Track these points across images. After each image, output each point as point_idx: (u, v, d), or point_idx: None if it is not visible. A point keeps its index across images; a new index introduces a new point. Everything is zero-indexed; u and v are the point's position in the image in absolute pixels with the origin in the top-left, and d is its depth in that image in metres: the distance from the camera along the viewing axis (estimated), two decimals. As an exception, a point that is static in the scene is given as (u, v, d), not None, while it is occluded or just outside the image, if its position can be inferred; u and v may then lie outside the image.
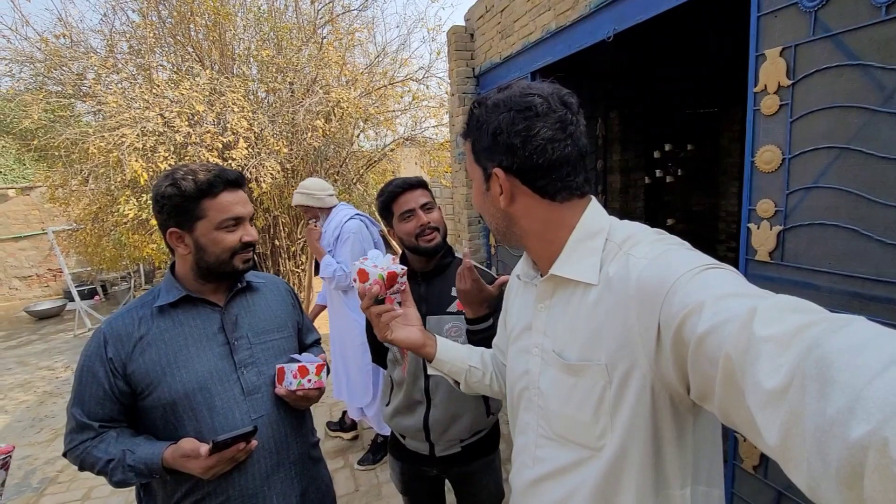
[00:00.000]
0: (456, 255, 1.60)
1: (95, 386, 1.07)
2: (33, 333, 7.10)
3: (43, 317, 8.00)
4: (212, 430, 1.09)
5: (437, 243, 1.46)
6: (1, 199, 9.14)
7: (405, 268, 1.02)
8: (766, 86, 1.80)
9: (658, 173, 5.43)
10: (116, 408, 1.09)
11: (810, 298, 0.52)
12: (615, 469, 0.69)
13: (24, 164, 8.62)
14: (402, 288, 1.03)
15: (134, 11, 4.69)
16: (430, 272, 1.50)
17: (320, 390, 1.20)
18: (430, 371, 1.08)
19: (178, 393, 1.08)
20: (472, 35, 4.34)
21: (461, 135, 0.84)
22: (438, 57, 5.94)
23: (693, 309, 0.54)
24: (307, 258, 6.29)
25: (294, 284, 6.28)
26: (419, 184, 1.48)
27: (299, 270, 6.21)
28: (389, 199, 1.46)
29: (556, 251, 0.76)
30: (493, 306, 1.29)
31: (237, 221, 1.15)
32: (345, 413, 3.25)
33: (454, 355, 1.05)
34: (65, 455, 1.11)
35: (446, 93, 5.24)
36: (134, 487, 1.18)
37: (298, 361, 1.17)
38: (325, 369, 1.20)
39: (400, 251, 1.57)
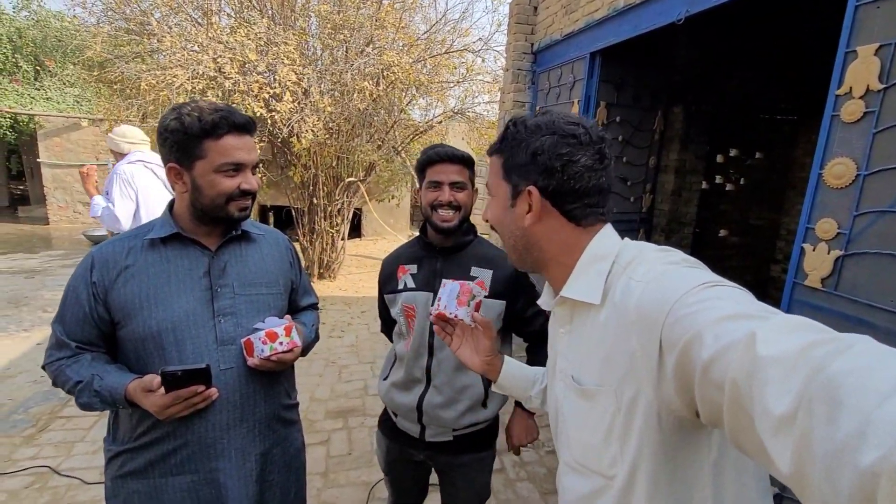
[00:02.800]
0: (479, 234, 1.52)
1: (77, 307, 1.08)
2: (88, 256, 7.62)
3: (98, 241, 8.55)
4: None
5: (450, 225, 1.38)
6: (74, 127, 9.73)
7: (468, 310, 1.05)
8: (851, 88, 1.56)
9: (718, 179, 5.06)
10: (95, 332, 1.09)
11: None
12: (626, 499, 0.70)
13: (100, 97, 9.11)
14: (474, 309, 1.07)
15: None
16: (448, 248, 1.44)
17: (294, 351, 1.15)
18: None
19: (151, 329, 1.06)
20: (535, 8, 4.10)
21: (489, 151, 0.86)
22: (499, 29, 5.70)
23: (694, 335, 0.53)
24: (343, 220, 6.34)
25: (327, 244, 6.37)
26: (461, 159, 1.39)
27: (334, 231, 6.28)
28: (425, 163, 1.40)
29: (568, 275, 0.78)
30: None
31: (238, 167, 1.09)
32: None
33: (515, 384, 1.10)
34: (43, 367, 1.12)
35: (501, 68, 5.03)
36: (107, 418, 1.19)
37: (262, 330, 1.13)
38: (293, 330, 1.15)
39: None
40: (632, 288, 0.66)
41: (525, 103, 4.25)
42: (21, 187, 11.91)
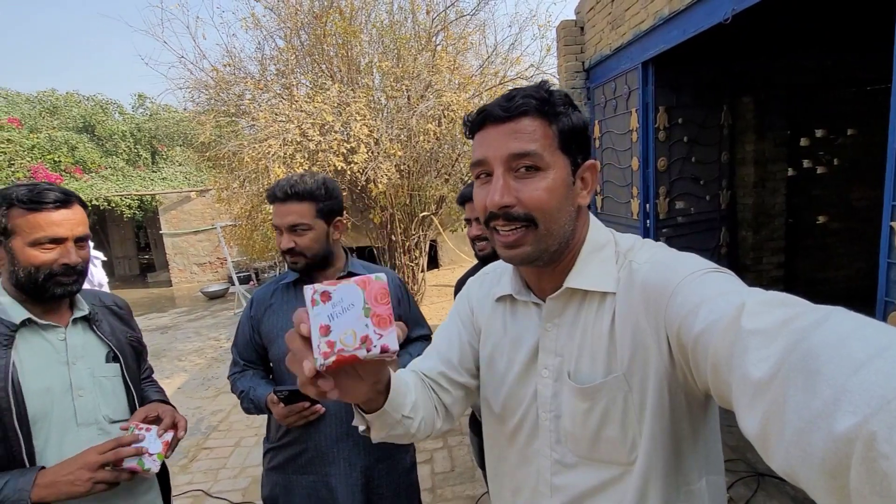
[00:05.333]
0: None
1: (243, 335, 1.44)
2: (206, 310, 8.66)
3: (213, 297, 9.69)
4: None
5: (485, 253, 1.64)
6: (185, 200, 11.26)
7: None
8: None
9: (806, 163, 4.73)
10: (255, 354, 1.44)
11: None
12: (646, 478, 0.68)
13: (202, 171, 10.56)
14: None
15: (281, 38, 5.48)
16: None
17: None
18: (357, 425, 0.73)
19: (283, 353, 1.34)
20: (581, 28, 4.24)
21: (515, 111, 0.66)
22: (549, 53, 5.85)
23: (692, 309, 0.56)
24: (420, 252, 6.69)
25: (408, 277, 6.73)
26: None
27: (413, 264, 6.64)
28: (461, 201, 1.71)
29: (567, 264, 0.73)
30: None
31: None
32: None
33: (399, 402, 0.71)
34: (228, 378, 1.47)
35: (556, 88, 5.18)
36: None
37: None
38: None
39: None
40: (635, 269, 0.68)
41: (583, 119, 4.35)
42: (147, 256, 13.86)
